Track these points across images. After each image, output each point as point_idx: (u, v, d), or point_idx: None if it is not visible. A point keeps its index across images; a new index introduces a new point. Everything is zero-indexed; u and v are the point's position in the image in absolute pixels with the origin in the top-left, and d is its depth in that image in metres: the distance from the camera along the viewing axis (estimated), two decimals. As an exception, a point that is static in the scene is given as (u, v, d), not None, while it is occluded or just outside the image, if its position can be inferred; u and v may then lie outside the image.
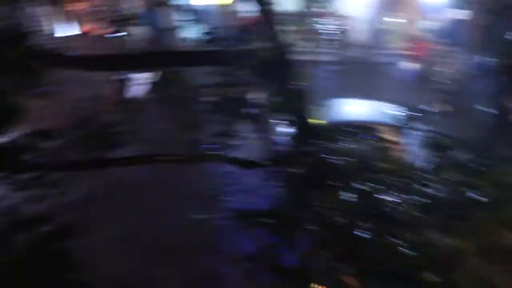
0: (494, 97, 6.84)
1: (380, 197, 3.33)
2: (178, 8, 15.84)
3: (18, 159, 2.89)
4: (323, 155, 3.90)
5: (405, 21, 17.78)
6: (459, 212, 3.21)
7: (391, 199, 3.39)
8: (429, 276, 2.77)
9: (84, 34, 17.70)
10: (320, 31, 17.03)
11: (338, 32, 17.36)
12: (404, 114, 5.35)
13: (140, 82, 14.52)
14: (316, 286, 2.80)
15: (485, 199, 3.09)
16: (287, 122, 4.03)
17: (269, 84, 4.15)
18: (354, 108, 12.53)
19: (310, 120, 4.97)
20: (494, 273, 3.16)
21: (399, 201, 3.40)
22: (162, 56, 5.76)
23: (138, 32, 17.41)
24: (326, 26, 17.26)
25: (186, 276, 9.28)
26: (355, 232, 2.86)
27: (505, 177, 3.42)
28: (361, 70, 16.52)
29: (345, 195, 3.26)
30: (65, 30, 16.13)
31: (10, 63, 3.47)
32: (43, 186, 3.23)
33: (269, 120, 3.66)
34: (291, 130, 4.69)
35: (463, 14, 15.73)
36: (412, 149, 11.23)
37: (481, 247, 2.93)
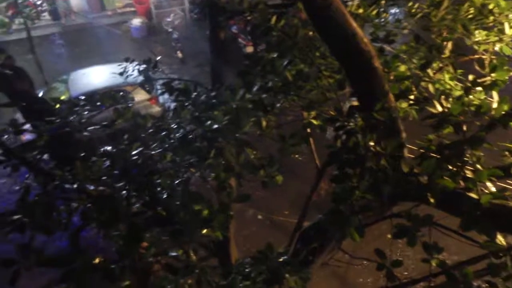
0: (213, 35, 7.48)
1: (134, 154, 3.36)
2: None
3: None
4: (65, 131, 3.68)
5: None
6: (205, 144, 3.50)
7: (144, 153, 3.46)
8: (197, 208, 2.97)
9: None
10: (29, 3, 15.39)
11: (53, 1, 16.04)
12: (142, 69, 5.38)
13: None
14: (99, 259, 2.72)
15: (220, 126, 3.44)
16: (10, 106, 3.62)
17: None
18: (94, 76, 12.07)
19: (42, 99, 4.59)
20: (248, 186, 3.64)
21: (152, 152, 3.51)
22: None
23: None
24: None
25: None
26: (117, 195, 2.86)
27: (233, 103, 3.86)
28: (89, 36, 15.89)
29: (98, 163, 3.18)
30: None
31: None
32: None
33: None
34: (19, 114, 4.27)
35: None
36: (162, 100, 11.55)
37: (229, 167, 3.29)
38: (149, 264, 2.92)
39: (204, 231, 2.86)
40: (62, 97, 10.06)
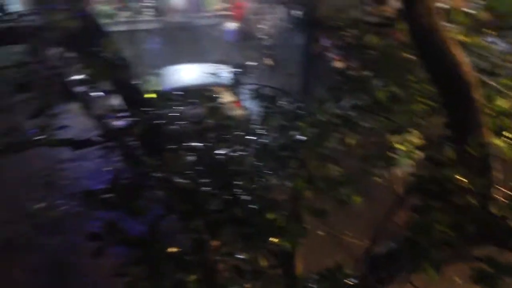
0: (305, 47, 7.51)
1: (219, 153, 3.47)
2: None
3: None
4: (158, 122, 3.88)
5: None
6: (288, 153, 3.53)
7: (229, 153, 3.56)
8: (272, 216, 3.00)
9: None
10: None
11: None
12: (232, 72, 5.54)
13: None
14: (172, 249, 2.83)
15: (305, 138, 3.45)
16: (114, 94, 3.89)
17: (83, 56, 3.89)
18: (185, 73, 12.60)
19: (140, 90, 4.85)
20: (324, 201, 3.60)
21: (236, 154, 3.59)
22: None
23: None
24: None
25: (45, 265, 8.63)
26: (199, 190, 2.96)
27: (320, 116, 3.86)
28: (185, 35, 16.62)
29: (184, 157, 3.32)
30: None
31: None
32: None
33: (93, 94, 3.48)
34: (120, 101, 4.54)
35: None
36: (246, 104, 11.79)
37: (310, 180, 3.29)
38: (217, 262, 2.99)
39: (275, 239, 2.88)
40: (154, 90, 10.59)
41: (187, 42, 16.32)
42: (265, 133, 3.94)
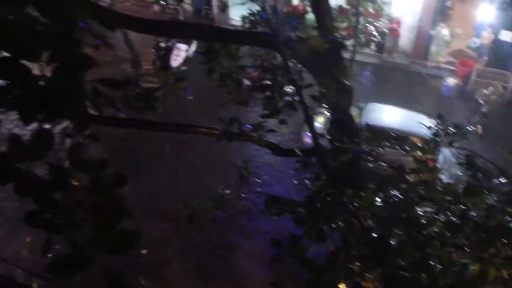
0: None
1: (412, 207, 3.29)
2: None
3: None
4: (359, 155, 3.87)
5: (455, 34, 17.33)
6: (489, 236, 3.16)
7: (422, 211, 3.36)
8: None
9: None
10: (365, 30, 16.70)
11: (384, 35, 16.96)
12: (439, 128, 5.24)
13: (184, 52, 14.64)
14: (342, 286, 2.77)
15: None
16: (329, 115, 4.01)
17: (316, 74, 4.12)
18: (390, 115, 12.37)
19: (353, 119, 4.93)
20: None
21: (430, 215, 3.36)
22: (208, 29, 5.76)
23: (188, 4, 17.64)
24: (373, 26, 16.91)
25: (206, 245, 9.49)
26: (383, 237, 2.84)
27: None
28: (400, 77, 16.27)
29: (377, 199, 3.24)
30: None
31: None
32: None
33: (311, 111, 3.64)
34: (331, 124, 4.68)
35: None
36: (445, 164, 11.01)
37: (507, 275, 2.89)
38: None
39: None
40: (357, 122, 10.62)
41: (398, 84, 16.01)
42: (467, 204, 3.60)
